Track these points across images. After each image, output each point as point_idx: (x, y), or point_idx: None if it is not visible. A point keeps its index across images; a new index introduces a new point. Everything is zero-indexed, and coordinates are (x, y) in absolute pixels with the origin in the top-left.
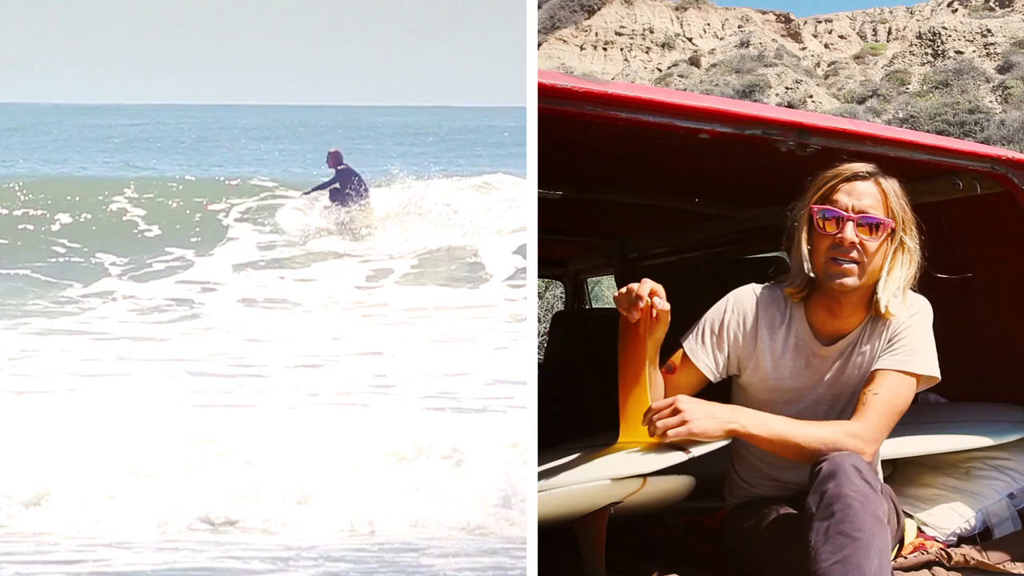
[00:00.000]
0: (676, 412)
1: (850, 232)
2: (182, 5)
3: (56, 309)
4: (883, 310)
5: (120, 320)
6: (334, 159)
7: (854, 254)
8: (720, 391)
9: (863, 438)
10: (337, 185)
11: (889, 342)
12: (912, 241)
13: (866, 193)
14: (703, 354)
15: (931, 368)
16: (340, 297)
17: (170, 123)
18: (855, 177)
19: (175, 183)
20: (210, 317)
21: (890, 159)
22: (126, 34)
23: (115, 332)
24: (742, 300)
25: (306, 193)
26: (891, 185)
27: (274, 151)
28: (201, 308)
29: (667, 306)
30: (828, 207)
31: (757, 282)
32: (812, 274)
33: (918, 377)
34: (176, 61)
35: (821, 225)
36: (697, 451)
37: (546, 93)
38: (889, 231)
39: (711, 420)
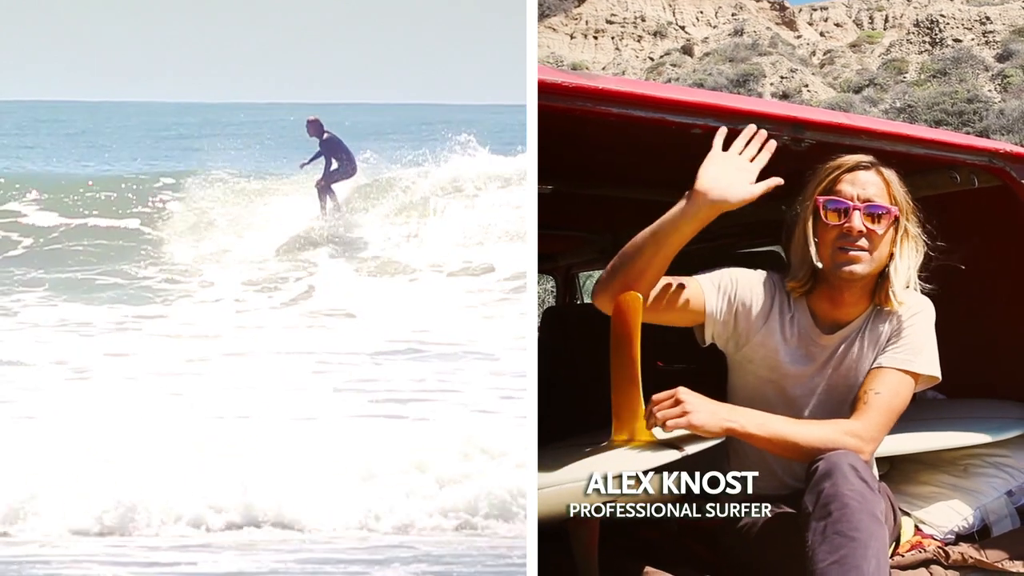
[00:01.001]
0: (677, 403)
1: (857, 221)
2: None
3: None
4: (895, 298)
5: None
6: (315, 128)
7: (862, 242)
8: (714, 386)
9: (862, 437)
10: (325, 160)
11: (890, 339)
12: (915, 228)
13: (870, 182)
14: (714, 295)
15: (932, 368)
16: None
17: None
18: (858, 167)
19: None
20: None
21: (886, 153)
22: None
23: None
24: (764, 279)
25: (303, 165)
26: (892, 174)
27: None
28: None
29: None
30: (833, 197)
31: None
32: (820, 265)
33: (918, 376)
34: (175, 60)
35: (827, 216)
36: (691, 449)
37: (539, 88)
38: (894, 219)
39: (711, 416)
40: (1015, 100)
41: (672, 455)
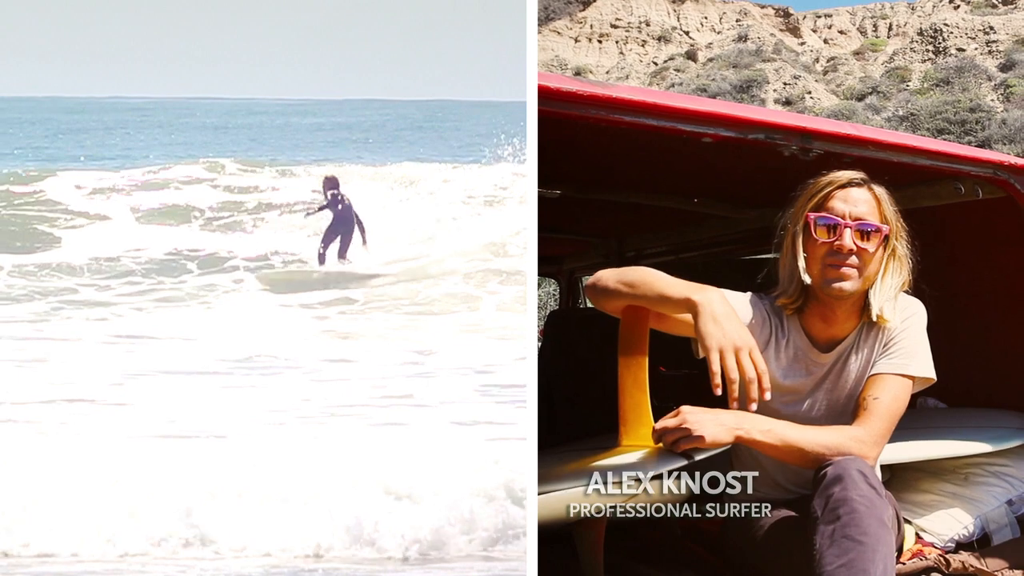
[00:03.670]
0: (682, 423)
1: (848, 239)
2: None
3: None
4: (875, 317)
5: None
6: (330, 184)
7: (852, 260)
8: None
9: (866, 442)
10: (330, 215)
11: (885, 346)
12: (903, 247)
13: (861, 200)
14: None
15: (927, 370)
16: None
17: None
18: (850, 184)
19: None
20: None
21: (892, 164)
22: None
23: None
24: (755, 306)
25: (308, 215)
26: (883, 192)
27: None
28: None
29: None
30: (825, 214)
31: (753, 282)
32: (808, 281)
33: (914, 379)
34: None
35: (818, 232)
36: (698, 455)
37: (550, 96)
38: (884, 237)
39: (717, 426)
40: (1018, 110)
41: (679, 460)
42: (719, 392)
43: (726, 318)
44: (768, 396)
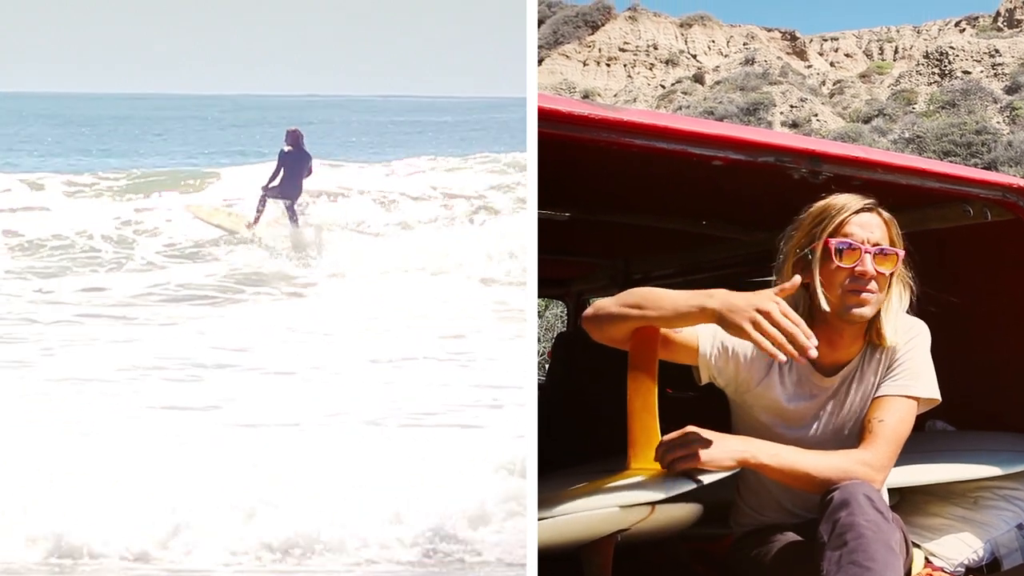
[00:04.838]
0: (687, 443)
1: (869, 264)
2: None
3: None
4: (888, 341)
5: None
6: (292, 138)
7: (872, 285)
8: (724, 413)
9: (873, 466)
10: (280, 175)
11: (889, 368)
12: (906, 270)
13: (875, 225)
14: (708, 340)
15: (931, 391)
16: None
17: None
18: (863, 209)
19: None
20: None
21: (901, 186)
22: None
23: None
24: None
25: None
26: (889, 216)
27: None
28: None
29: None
30: (845, 239)
31: None
32: (827, 308)
33: (919, 400)
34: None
35: (839, 258)
36: (707, 479)
37: (561, 119)
38: (897, 261)
39: (722, 450)
40: (1023, 132)
41: (688, 485)
42: (784, 359)
43: (733, 297)
44: (815, 340)
